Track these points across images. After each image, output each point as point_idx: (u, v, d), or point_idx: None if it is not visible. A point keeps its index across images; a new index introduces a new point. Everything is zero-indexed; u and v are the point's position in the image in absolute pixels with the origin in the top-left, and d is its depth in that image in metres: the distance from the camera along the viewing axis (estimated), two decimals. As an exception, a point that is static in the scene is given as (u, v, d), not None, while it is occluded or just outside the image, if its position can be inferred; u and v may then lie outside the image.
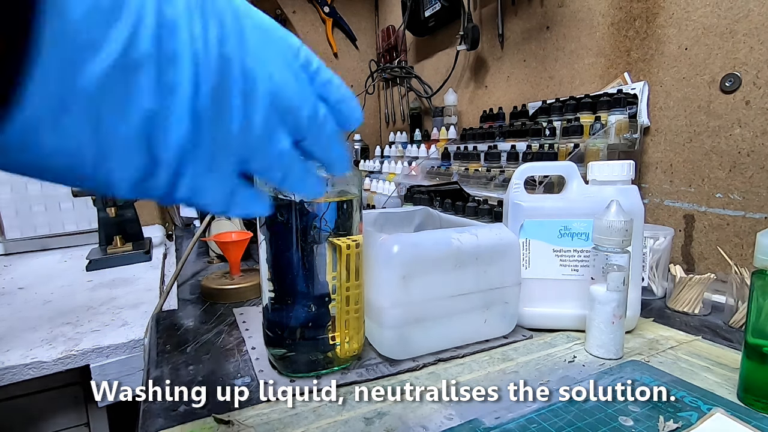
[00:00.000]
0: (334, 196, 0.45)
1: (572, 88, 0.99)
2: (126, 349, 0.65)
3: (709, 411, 0.38)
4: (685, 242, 0.77)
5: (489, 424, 0.37)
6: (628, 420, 0.37)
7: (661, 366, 0.46)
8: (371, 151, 1.63)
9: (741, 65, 0.68)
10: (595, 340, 0.49)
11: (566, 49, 0.99)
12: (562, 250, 0.54)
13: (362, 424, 0.38)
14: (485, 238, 0.50)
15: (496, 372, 0.46)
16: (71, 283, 0.91)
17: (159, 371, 0.48)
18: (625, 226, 0.46)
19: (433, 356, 0.49)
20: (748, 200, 0.68)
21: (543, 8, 1.05)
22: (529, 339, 0.54)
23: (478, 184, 0.88)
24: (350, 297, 0.45)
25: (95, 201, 1.03)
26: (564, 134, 0.80)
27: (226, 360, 0.50)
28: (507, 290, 0.51)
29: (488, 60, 1.26)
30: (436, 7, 1.32)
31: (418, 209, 0.71)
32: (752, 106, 0.67)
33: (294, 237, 0.44)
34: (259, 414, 0.40)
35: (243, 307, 0.67)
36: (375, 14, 1.90)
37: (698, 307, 0.60)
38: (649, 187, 0.83)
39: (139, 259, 1.06)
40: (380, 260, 0.46)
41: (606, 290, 0.47)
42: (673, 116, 0.78)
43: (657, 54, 0.80)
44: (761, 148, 0.66)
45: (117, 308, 0.76)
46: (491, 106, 1.20)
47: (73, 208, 1.31)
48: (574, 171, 0.55)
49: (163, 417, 0.39)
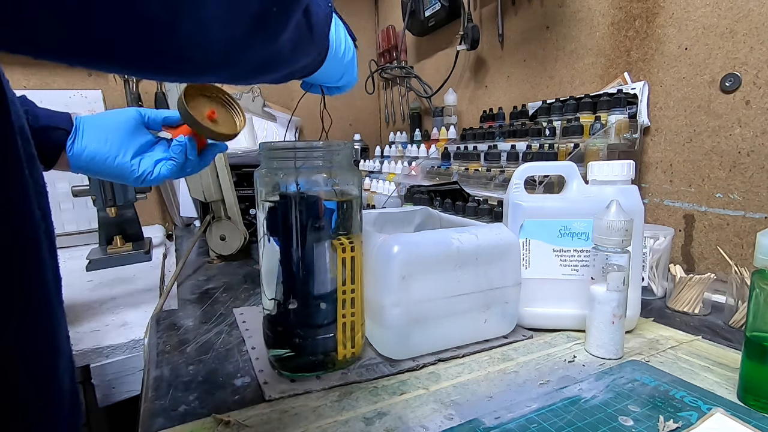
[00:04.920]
0: (335, 196, 0.45)
1: (572, 88, 0.99)
2: (126, 349, 0.65)
3: (709, 411, 0.38)
4: (685, 242, 0.77)
5: (489, 424, 0.37)
6: (628, 420, 0.37)
7: (661, 366, 0.46)
8: (371, 151, 1.63)
9: (741, 65, 0.68)
10: (595, 340, 0.49)
11: (566, 49, 0.99)
12: (562, 250, 0.54)
13: (362, 424, 0.38)
14: (485, 238, 0.50)
15: (496, 372, 0.46)
16: (71, 283, 0.91)
17: (159, 371, 0.48)
18: (625, 226, 0.46)
19: (433, 356, 0.49)
20: (748, 200, 0.68)
21: (543, 8, 1.05)
22: (529, 339, 0.54)
23: (478, 184, 0.88)
24: (350, 297, 0.45)
25: (95, 201, 1.03)
26: (564, 134, 0.80)
27: (226, 360, 0.50)
28: (507, 290, 0.51)
29: (488, 60, 1.26)
30: (436, 7, 1.32)
31: (418, 209, 0.71)
32: (752, 106, 0.67)
33: (294, 236, 0.44)
34: (259, 414, 0.40)
35: (243, 307, 0.67)
36: (375, 14, 1.90)
37: (698, 307, 0.60)
38: (649, 187, 0.83)
39: (139, 259, 1.06)
40: (380, 260, 0.46)
41: (606, 290, 0.47)
42: (673, 116, 0.78)
43: (657, 54, 0.80)
44: (761, 148, 0.66)
45: (117, 308, 0.76)
46: (491, 106, 1.20)
47: (73, 208, 1.31)
48: (574, 171, 0.55)
49: (163, 417, 0.39)
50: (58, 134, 0.52)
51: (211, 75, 0.27)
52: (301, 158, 0.43)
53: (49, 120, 0.51)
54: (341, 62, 0.43)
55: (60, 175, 1.25)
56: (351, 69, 0.46)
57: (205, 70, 0.26)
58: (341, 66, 0.44)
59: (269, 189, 0.45)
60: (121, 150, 0.54)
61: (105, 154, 0.53)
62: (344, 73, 0.45)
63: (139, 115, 0.57)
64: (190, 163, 0.57)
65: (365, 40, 1.87)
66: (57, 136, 0.52)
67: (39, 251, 0.27)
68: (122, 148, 0.54)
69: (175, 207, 1.43)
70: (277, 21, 0.27)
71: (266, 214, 0.45)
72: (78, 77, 1.37)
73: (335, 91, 0.50)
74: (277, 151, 0.44)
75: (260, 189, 0.46)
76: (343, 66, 0.44)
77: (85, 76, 1.39)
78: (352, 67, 0.46)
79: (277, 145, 0.45)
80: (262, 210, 0.46)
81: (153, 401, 0.42)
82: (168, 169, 0.56)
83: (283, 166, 0.44)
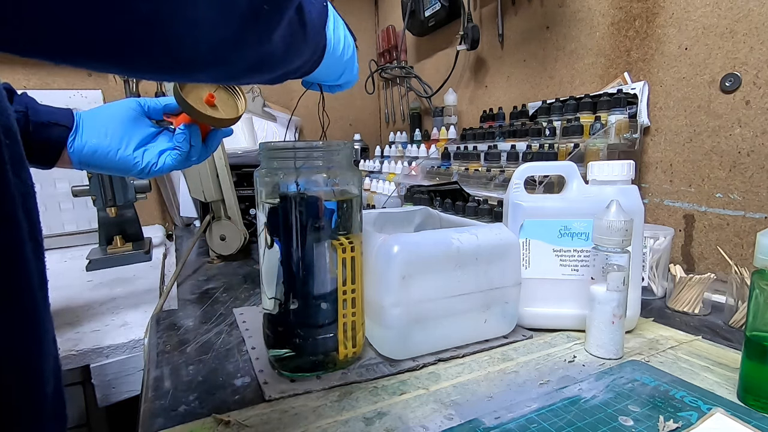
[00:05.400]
0: (335, 196, 0.45)
1: (572, 88, 0.99)
2: (126, 349, 0.65)
3: (709, 411, 0.38)
4: (685, 242, 0.77)
5: (489, 424, 0.37)
6: (628, 420, 0.37)
7: (661, 366, 0.46)
8: (371, 151, 1.63)
9: (741, 65, 0.68)
10: (595, 340, 0.49)
11: (566, 49, 0.99)
12: (562, 250, 0.54)
13: (362, 424, 0.38)
14: (485, 238, 0.50)
15: (496, 372, 0.46)
16: (71, 283, 0.91)
17: (159, 371, 0.48)
18: (625, 226, 0.46)
19: (433, 356, 0.49)
20: (748, 200, 0.68)
21: (543, 8, 1.05)
22: (529, 339, 0.54)
23: (478, 184, 0.88)
24: (350, 297, 0.45)
25: (95, 201, 1.02)
26: (564, 134, 0.80)
27: (226, 360, 0.50)
28: (507, 290, 0.51)
29: (488, 60, 1.26)
30: (436, 7, 1.32)
31: (418, 209, 0.71)
32: (752, 106, 0.67)
33: (294, 236, 0.44)
34: (259, 414, 0.40)
35: (243, 307, 0.67)
36: (375, 14, 1.90)
37: (698, 307, 0.60)
38: (649, 187, 0.83)
39: (139, 259, 1.06)
40: (380, 260, 0.46)
41: (606, 290, 0.47)
42: (673, 116, 0.78)
43: (657, 54, 0.80)
44: (761, 148, 0.66)
45: (117, 308, 0.76)
46: (491, 106, 1.20)
47: (73, 208, 1.31)
48: (574, 171, 0.55)
49: (163, 417, 0.39)
50: (59, 131, 0.51)
51: (203, 74, 0.27)
52: (301, 158, 0.43)
53: (50, 117, 0.51)
54: (341, 60, 0.43)
55: (60, 175, 1.26)
56: (351, 67, 0.46)
57: (197, 69, 0.26)
58: (341, 64, 0.43)
59: (269, 189, 0.45)
60: (122, 143, 0.53)
61: (106, 148, 0.53)
62: (344, 71, 0.45)
63: (138, 105, 0.56)
64: (195, 150, 0.56)
65: (365, 40, 1.87)
66: (58, 133, 0.51)
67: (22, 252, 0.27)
68: (123, 140, 0.53)
69: (175, 207, 1.43)
70: (270, 19, 0.28)
71: (266, 215, 0.45)
72: (78, 77, 1.37)
73: (336, 89, 0.49)
74: (277, 151, 0.44)
75: (260, 189, 0.46)
76: (342, 64, 0.44)
77: (85, 76, 1.39)
78: (353, 65, 0.46)
79: (277, 145, 0.45)
80: (262, 210, 0.46)
81: (153, 401, 0.42)
82: (173, 159, 0.55)
83: (283, 166, 0.44)
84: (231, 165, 0.95)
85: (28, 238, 0.28)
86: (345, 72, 0.45)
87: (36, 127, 0.50)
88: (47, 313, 0.30)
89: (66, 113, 0.53)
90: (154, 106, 0.57)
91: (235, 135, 1.42)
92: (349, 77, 0.47)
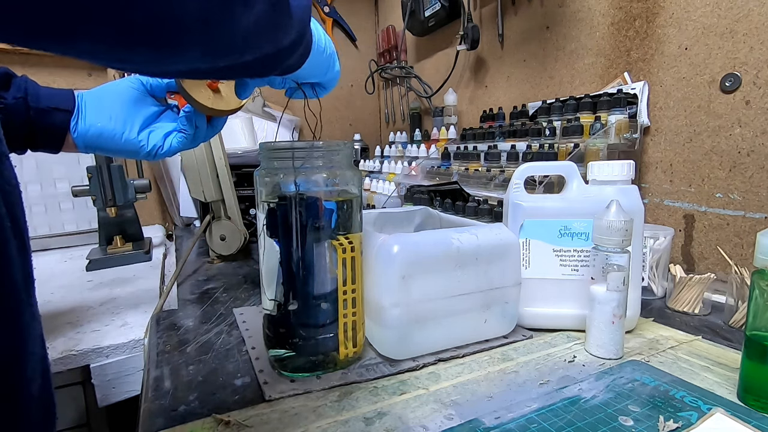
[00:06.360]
0: (334, 196, 0.45)
1: (572, 88, 0.99)
2: (126, 349, 0.65)
3: (709, 411, 0.38)
4: (685, 242, 0.77)
5: (489, 424, 0.37)
6: (628, 420, 0.37)
7: (661, 366, 0.46)
8: (371, 151, 1.63)
9: (741, 65, 0.68)
10: (595, 340, 0.49)
11: (566, 49, 0.99)
12: (562, 250, 0.54)
13: (362, 424, 0.38)
14: (485, 238, 0.50)
15: (496, 372, 0.46)
16: (71, 283, 0.91)
17: (159, 371, 0.48)
18: (625, 226, 0.46)
19: (433, 356, 0.49)
20: (748, 200, 0.68)
21: (543, 8, 1.05)
22: (529, 339, 0.54)
23: (478, 184, 0.88)
24: (351, 297, 0.45)
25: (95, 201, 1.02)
26: (564, 134, 0.80)
27: (226, 360, 0.50)
28: (507, 290, 0.51)
29: (488, 60, 1.26)
30: (436, 7, 1.32)
31: (418, 209, 0.71)
32: (752, 106, 0.67)
33: (294, 236, 0.44)
34: (259, 414, 0.40)
35: (243, 307, 0.67)
36: (375, 14, 1.90)
37: (698, 307, 0.60)
38: (649, 187, 0.83)
39: (139, 259, 1.06)
40: (380, 260, 0.46)
41: (606, 290, 0.47)
42: (673, 116, 0.78)
43: (657, 54, 0.80)
44: (761, 148, 0.66)
45: (117, 308, 0.76)
46: (491, 106, 1.20)
47: (73, 208, 1.31)
48: (574, 171, 0.55)
49: (163, 417, 0.39)
50: (61, 116, 0.50)
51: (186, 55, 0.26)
52: (301, 158, 0.43)
53: (50, 102, 0.50)
54: (323, 54, 0.43)
55: (60, 175, 1.26)
56: (334, 62, 0.46)
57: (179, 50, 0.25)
58: (324, 58, 0.43)
59: (269, 189, 0.45)
60: (126, 125, 0.52)
61: (111, 131, 0.52)
62: (328, 66, 0.45)
63: (140, 83, 0.54)
64: (200, 132, 0.55)
65: (365, 40, 1.87)
66: (60, 117, 0.50)
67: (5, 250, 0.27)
68: (128, 122, 0.52)
69: (175, 207, 1.43)
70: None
71: (266, 215, 0.45)
72: (78, 77, 1.37)
73: (321, 91, 0.49)
74: (276, 151, 0.44)
75: (260, 189, 0.46)
76: (326, 58, 0.44)
77: (85, 75, 1.39)
78: (335, 61, 0.46)
79: (276, 145, 0.45)
80: (262, 210, 0.46)
81: (153, 401, 0.42)
82: (179, 142, 0.54)
83: (283, 166, 0.44)
84: (231, 165, 0.95)
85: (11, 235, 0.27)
86: (329, 67, 0.45)
87: (36, 113, 0.49)
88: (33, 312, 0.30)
89: (67, 95, 0.51)
90: (157, 84, 0.55)
91: (235, 135, 1.42)
92: (333, 74, 0.47)
